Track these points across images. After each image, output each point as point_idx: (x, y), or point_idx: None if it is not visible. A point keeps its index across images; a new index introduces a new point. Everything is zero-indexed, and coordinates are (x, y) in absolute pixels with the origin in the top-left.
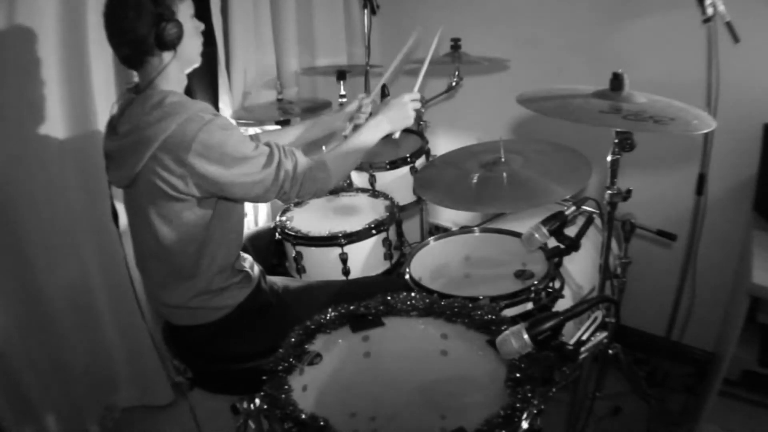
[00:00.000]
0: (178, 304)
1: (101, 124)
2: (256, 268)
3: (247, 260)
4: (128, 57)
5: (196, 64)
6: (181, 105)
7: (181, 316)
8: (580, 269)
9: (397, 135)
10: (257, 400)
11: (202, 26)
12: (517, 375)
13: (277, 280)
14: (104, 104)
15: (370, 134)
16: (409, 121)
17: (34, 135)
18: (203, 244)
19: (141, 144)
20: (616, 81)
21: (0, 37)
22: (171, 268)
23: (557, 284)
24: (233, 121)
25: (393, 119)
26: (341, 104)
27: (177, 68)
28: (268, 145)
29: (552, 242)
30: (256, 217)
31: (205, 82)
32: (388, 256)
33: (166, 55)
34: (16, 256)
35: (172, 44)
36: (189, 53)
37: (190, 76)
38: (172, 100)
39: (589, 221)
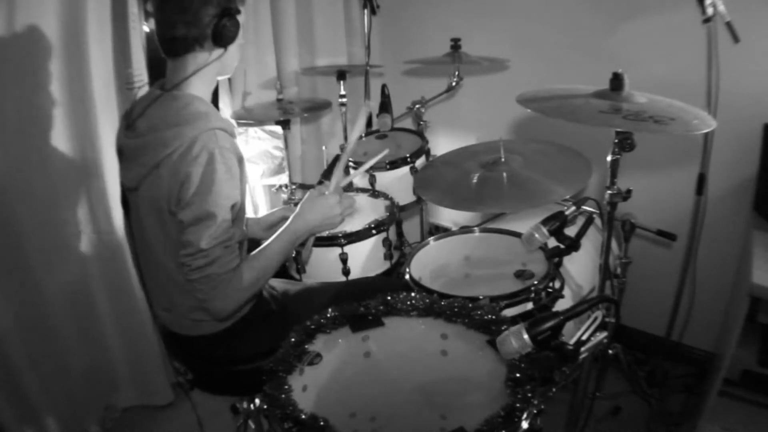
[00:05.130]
0: (178, 314)
1: (101, 124)
2: None
3: None
4: (176, 40)
5: (229, 75)
6: (205, 116)
7: (182, 325)
8: (580, 269)
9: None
10: (257, 400)
11: (243, 41)
12: (517, 375)
13: (277, 285)
14: (104, 104)
15: (286, 244)
16: (333, 227)
17: (34, 135)
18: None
19: (156, 146)
20: (616, 81)
21: (0, 37)
22: (171, 279)
23: (557, 284)
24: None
25: (313, 225)
26: (341, 104)
27: (214, 71)
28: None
29: (552, 242)
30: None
31: None
32: (388, 256)
33: (215, 52)
34: (16, 257)
35: (227, 41)
36: (230, 59)
37: None
38: (198, 109)
39: (589, 221)
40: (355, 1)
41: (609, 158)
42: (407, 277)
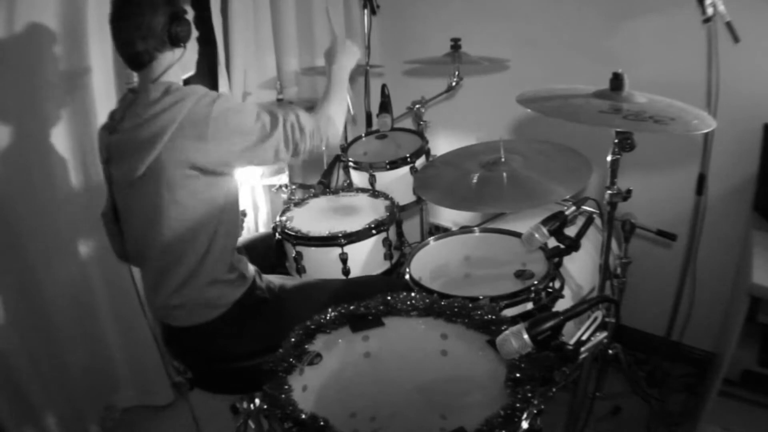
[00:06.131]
0: (175, 304)
1: (101, 123)
2: (251, 268)
3: (242, 260)
4: (139, 54)
5: (192, 72)
6: (189, 89)
7: (177, 317)
8: (580, 269)
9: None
10: (257, 400)
11: (197, 33)
12: (517, 375)
13: (274, 279)
14: (104, 104)
15: (345, 79)
16: (359, 55)
17: (34, 134)
18: (206, 233)
19: (157, 131)
20: (616, 81)
21: (0, 37)
22: (173, 262)
23: (557, 284)
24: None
25: (347, 62)
26: None
27: (179, 69)
28: (270, 111)
29: (552, 242)
30: (256, 218)
31: (205, 82)
32: (388, 256)
33: (177, 51)
34: (16, 256)
35: (184, 40)
36: (189, 57)
37: (190, 77)
38: (178, 86)
39: (589, 221)
40: (355, 1)
41: (609, 158)
42: (407, 277)
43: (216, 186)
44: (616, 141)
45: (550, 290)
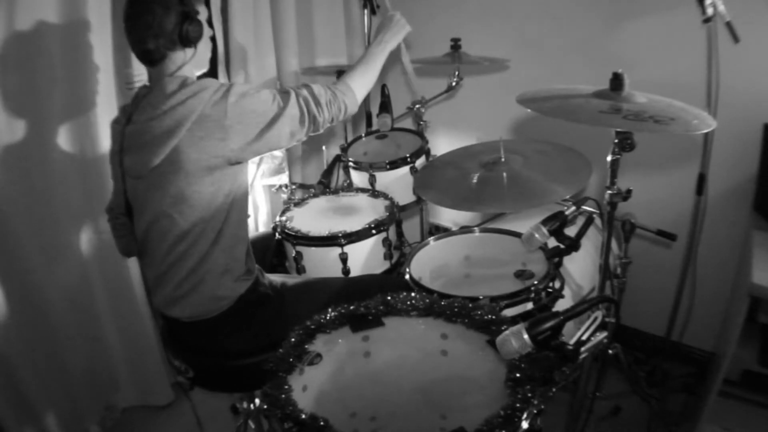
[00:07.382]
0: (181, 295)
1: (101, 123)
2: (255, 265)
3: (249, 254)
4: (150, 51)
5: (205, 69)
6: (205, 81)
7: (181, 308)
8: (580, 269)
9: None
10: (257, 400)
11: (211, 32)
12: (517, 375)
13: (275, 278)
14: (105, 103)
15: (380, 54)
16: (407, 29)
17: (34, 135)
18: (217, 222)
19: (176, 122)
20: (616, 81)
21: (0, 37)
22: (183, 252)
23: (557, 284)
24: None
25: (393, 36)
26: None
27: (192, 67)
28: (283, 90)
29: (552, 242)
30: (256, 218)
31: None
32: (388, 256)
33: (188, 51)
34: (15, 256)
35: (195, 40)
36: (201, 55)
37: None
38: (194, 80)
39: (589, 221)
40: (355, 1)
41: (609, 158)
42: (407, 277)
43: (229, 175)
44: (616, 141)
45: (550, 290)
